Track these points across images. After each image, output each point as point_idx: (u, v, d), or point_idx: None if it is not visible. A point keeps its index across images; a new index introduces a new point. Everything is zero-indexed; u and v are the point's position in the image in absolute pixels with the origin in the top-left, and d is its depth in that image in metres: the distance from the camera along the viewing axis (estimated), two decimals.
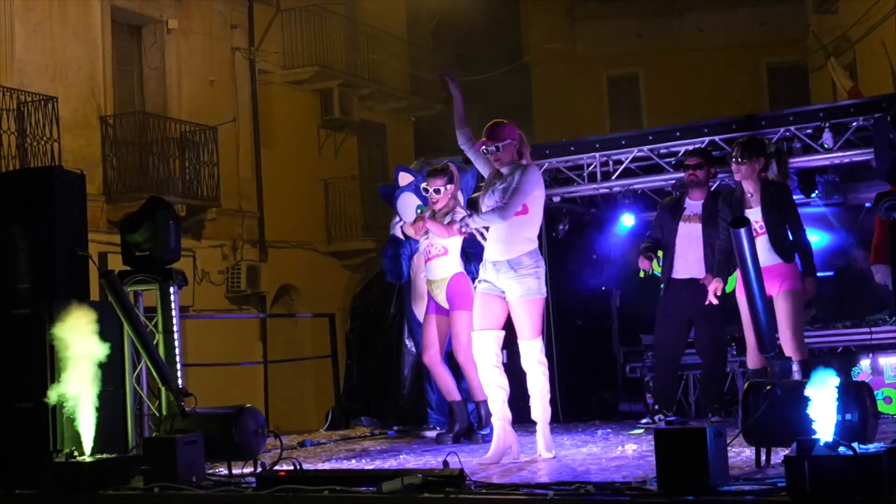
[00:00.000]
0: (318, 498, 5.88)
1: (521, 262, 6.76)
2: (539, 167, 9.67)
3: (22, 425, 6.89)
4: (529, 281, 6.76)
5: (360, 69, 22.08)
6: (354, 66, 21.98)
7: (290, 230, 20.15)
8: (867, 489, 4.67)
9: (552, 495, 5.46)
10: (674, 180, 9.27)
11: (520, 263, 6.76)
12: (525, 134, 7.14)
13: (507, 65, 25.50)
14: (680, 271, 8.49)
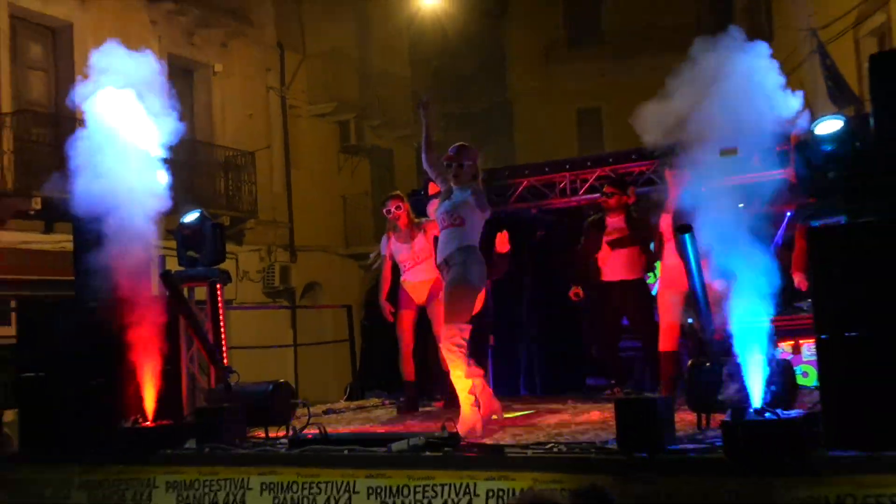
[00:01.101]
0: (339, 456, 5.92)
1: (452, 257, 6.59)
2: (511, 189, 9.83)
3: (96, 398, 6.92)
4: (455, 270, 6.56)
5: (371, 104, 22.09)
6: (366, 102, 21.99)
7: (314, 237, 20.18)
8: (789, 448, 4.73)
9: (530, 453, 5.53)
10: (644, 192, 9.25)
11: (452, 258, 6.59)
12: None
13: (493, 99, 25.55)
14: (608, 275, 8.55)
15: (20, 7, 14.26)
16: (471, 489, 5.34)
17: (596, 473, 4.95)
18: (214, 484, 6.21)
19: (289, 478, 5.95)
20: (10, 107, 13.90)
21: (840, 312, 4.80)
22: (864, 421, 4.67)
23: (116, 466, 6.61)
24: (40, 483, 6.98)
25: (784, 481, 4.62)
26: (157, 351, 6.91)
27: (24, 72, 14.67)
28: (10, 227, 13.64)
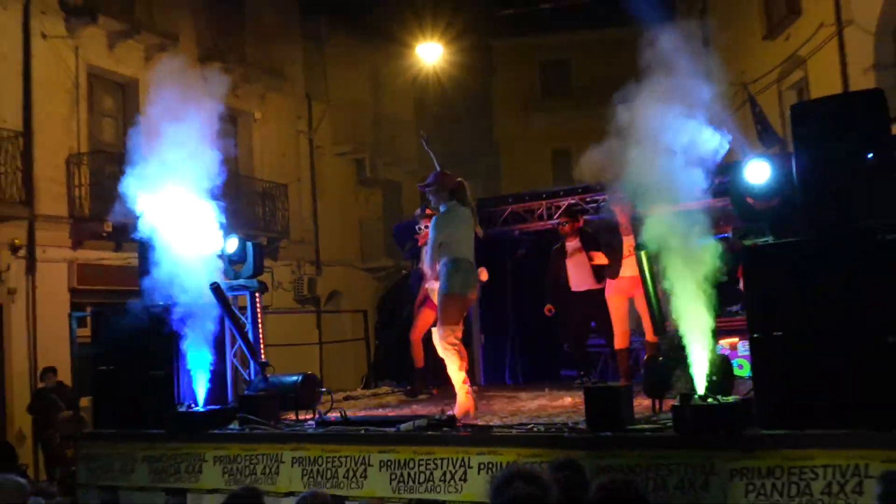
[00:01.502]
0: (357, 435, 5.92)
1: (439, 270, 6.52)
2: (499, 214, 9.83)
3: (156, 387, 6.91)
4: (440, 283, 6.47)
5: (382, 144, 22.12)
6: (379, 142, 22.02)
7: (336, 253, 20.16)
8: (728, 427, 4.73)
9: (515, 432, 5.52)
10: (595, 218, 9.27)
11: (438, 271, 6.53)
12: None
13: (483, 140, 25.60)
14: (575, 286, 8.56)
15: (96, 66, 14.29)
16: (465, 462, 5.34)
17: (569, 449, 4.95)
18: (254, 458, 6.21)
19: (315, 453, 5.94)
20: (87, 148, 13.92)
21: (769, 316, 4.82)
22: (790, 405, 4.68)
23: (173, 443, 6.60)
24: (110, 457, 6.97)
25: (724, 454, 4.62)
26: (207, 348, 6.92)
27: (99, 119, 14.70)
28: (87, 246, 13.64)
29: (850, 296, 4.56)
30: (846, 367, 4.51)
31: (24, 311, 12.66)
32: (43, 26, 13.34)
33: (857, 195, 4.71)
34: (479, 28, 21.83)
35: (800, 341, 4.67)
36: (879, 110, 4.84)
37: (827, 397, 4.55)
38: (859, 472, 4.30)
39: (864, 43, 12.99)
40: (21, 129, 12.68)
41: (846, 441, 4.38)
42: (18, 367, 12.47)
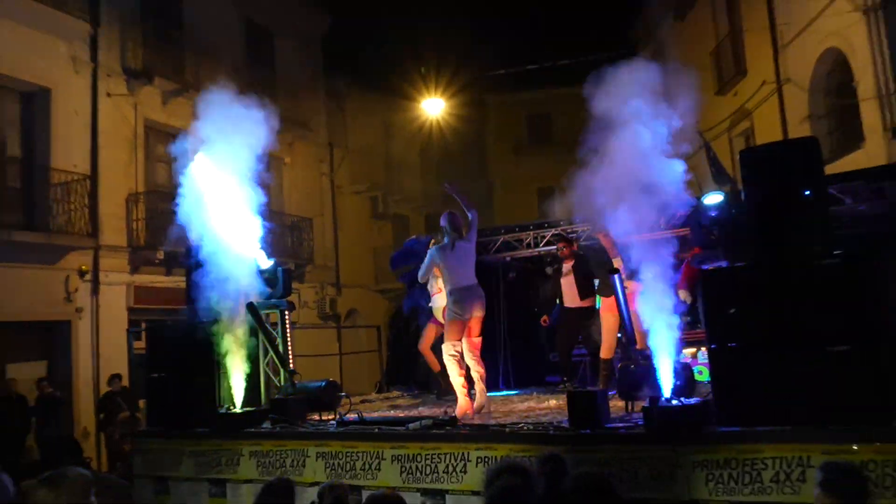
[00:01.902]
0: (372, 433, 5.87)
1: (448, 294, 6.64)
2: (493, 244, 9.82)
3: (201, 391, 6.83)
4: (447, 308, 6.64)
5: (393, 184, 22.21)
6: (390, 182, 22.12)
7: (353, 277, 20.16)
8: (690, 425, 4.70)
9: (507, 430, 5.48)
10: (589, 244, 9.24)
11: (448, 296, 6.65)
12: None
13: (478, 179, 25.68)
14: (567, 303, 8.52)
15: (152, 119, 14.37)
16: (465, 456, 5.30)
17: (554, 444, 4.90)
18: (283, 453, 6.16)
19: (336, 448, 5.90)
20: (143, 188, 13.97)
21: (724, 329, 4.79)
22: (743, 406, 4.64)
23: (215, 440, 6.55)
24: (161, 452, 6.92)
25: (687, 449, 4.59)
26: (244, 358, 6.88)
27: (153, 164, 14.74)
28: (143, 271, 13.64)
29: (794, 312, 4.54)
30: (791, 373, 4.48)
31: (90, 326, 12.64)
32: (108, 87, 13.44)
33: (797, 226, 4.71)
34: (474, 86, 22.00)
35: (751, 351, 4.64)
36: (814, 154, 4.86)
37: (774, 399, 4.51)
38: (802, 462, 4.27)
39: (800, 98, 13.07)
40: (89, 172, 12.73)
41: (790, 436, 4.36)
42: (84, 374, 12.43)
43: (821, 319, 4.44)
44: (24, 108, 12.48)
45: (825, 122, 12.74)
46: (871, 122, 10.94)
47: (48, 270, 12.02)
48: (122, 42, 13.77)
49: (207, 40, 15.04)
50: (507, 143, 26.62)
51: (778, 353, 4.53)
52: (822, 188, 4.84)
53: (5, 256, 11.21)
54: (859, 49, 11.10)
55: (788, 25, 13.23)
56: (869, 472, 4.03)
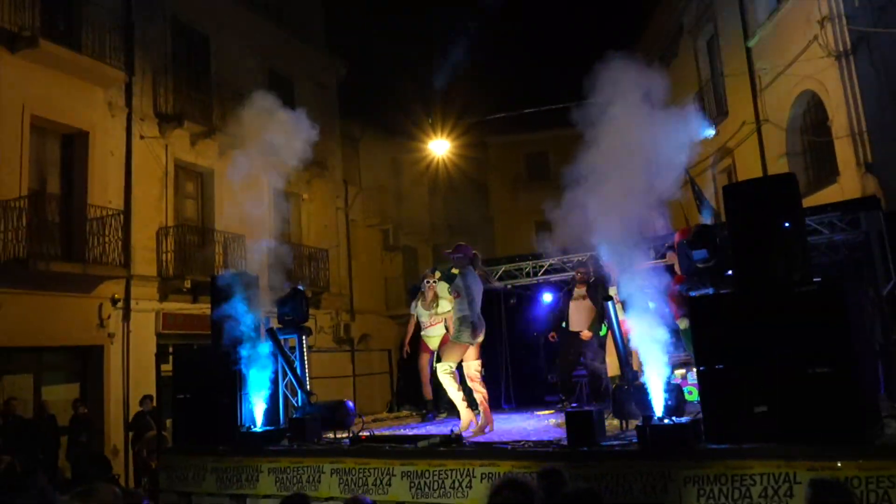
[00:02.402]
0: (383, 450, 5.81)
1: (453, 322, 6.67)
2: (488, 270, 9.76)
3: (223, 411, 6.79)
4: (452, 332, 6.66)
5: (403, 218, 22.24)
6: (400, 216, 22.14)
7: (366, 304, 20.11)
8: (680, 442, 4.64)
9: (510, 448, 5.42)
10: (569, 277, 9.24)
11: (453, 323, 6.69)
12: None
13: (481, 213, 25.75)
14: (573, 326, 8.47)
15: (181, 159, 14.47)
16: (470, 472, 5.23)
17: (554, 461, 4.83)
18: (300, 469, 6.09)
19: (350, 465, 5.83)
20: (173, 222, 14.03)
21: (711, 352, 4.74)
22: (730, 424, 4.58)
23: (236, 457, 6.50)
24: (186, 468, 6.85)
25: (679, 465, 4.52)
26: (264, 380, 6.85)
27: (182, 200, 14.84)
28: (171, 299, 13.64)
29: (776, 335, 4.50)
30: (776, 393, 4.43)
31: (121, 350, 12.61)
32: (141, 129, 13.57)
33: (777, 255, 4.68)
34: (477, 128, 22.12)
35: (738, 372, 4.59)
36: (792, 189, 4.86)
37: (761, 417, 4.46)
38: (789, 478, 4.20)
39: (778, 136, 13.11)
40: (122, 208, 12.81)
41: (777, 453, 4.29)
42: (115, 394, 12.37)
43: (802, 343, 4.40)
44: (64, 149, 12.61)
45: (801, 159, 12.76)
46: (845, 158, 10.96)
47: (83, 298, 12.03)
48: (154, 89, 13.94)
49: (233, 87, 15.21)
50: (506, 180, 26.72)
51: (762, 375, 4.49)
52: (800, 220, 4.83)
53: (44, 286, 11.24)
54: (832, 91, 11.16)
55: (766, 70, 13.33)
56: (853, 487, 3.96)
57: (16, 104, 11.36)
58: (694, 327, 4.90)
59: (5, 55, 11.27)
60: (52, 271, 11.24)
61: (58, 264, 11.45)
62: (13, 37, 11.31)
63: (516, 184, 26.50)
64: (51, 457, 10.17)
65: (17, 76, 11.38)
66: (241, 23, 16.21)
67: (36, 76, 11.64)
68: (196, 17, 15.21)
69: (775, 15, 12.81)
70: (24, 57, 11.43)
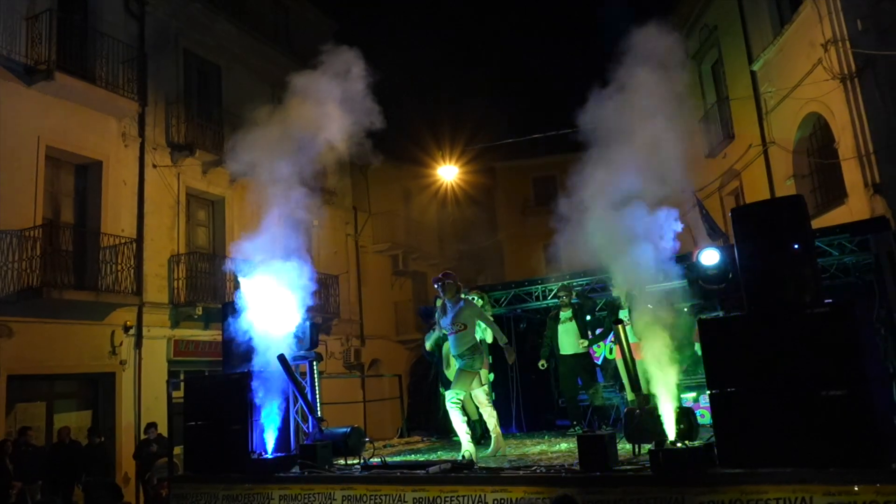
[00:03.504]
0: (394, 476, 5.75)
1: (463, 354, 6.63)
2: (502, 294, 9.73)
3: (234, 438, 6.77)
4: (465, 362, 6.59)
5: (412, 244, 22.28)
6: (409, 242, 22.19)
7: (376, 329, 20.09)
8: (694, 466, 4.58)
9: (521, 473, 5.35)
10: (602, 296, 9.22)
11: (463, 355, 6.63)
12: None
13: (490, 238, 25.77)
14: (564, 349, 8.43)
15: (193, 188, 14.62)
16: (482, 498, 5.17)
17: (566, 486, 4.78)
18: (311, 496, 6.03)
19: (361, 491, 5.77)
20: (185, 249, 14.12)
21: (723, 375, 4.70)
22: (745, 447, 4.52)
23: (247, 484, 6.44)
24: (197, 496, 6.80)
25: (692, 490, 4.45)
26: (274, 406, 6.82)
27: (194, 228, 14.95)
28: (183, 325, 13.68)
29: (788, 358, 4.46)
30: (789, 416, 4.38)
31: (132, 377, 12.63)
32: (154, 159, 13.73)
33: (787, 277, 4.66)
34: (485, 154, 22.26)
35: (750, 395, 4.54)
36: (801, 210, 4.85)
37: (774, 441, 4.40)
38: (805, 503, 4.12)
39: (785, 158, 13.11)
40: (135, 236, 12.91)
41: (792, 477, 4.22)
42: (126, 421, 12.36)
43: (814, 365, 4.36)
44: (78, 178, 12.76)
45: (809, 181, 12.74)
46: (853, 180, 10.93)
47: (96, 326, 12.08)
48: (166, 119, 14.13)
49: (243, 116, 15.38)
50: (515, 205, 26.76)
51: (776, 397, 4.44)
52: (809, 242, 4.81)
53: (57, 314, 11.30)
54: (838, 113, 11.17)
55: (771, 93, 13.37)
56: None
57: (31, 136, 11.53)
58: (705, 350, 4.86)
59: (21, 88, 11.47)
60: (65, 300, 11.31)
61: (71, 293, 11.52)
62: (29, 70, 11.51)
63: (524, 208, 26.54)
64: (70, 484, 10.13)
65: (32, 108, 11.56)
66: (252, 54, 16.45)
67: (51, 108, 11.82)
68: (208, 48, 15.45)
69: (779, 39, 12.88)
70: (39, 89, 11.63)
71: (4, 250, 10.91)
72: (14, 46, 11.34)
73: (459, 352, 6.62)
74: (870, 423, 4.18)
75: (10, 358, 10.70)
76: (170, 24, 14.48)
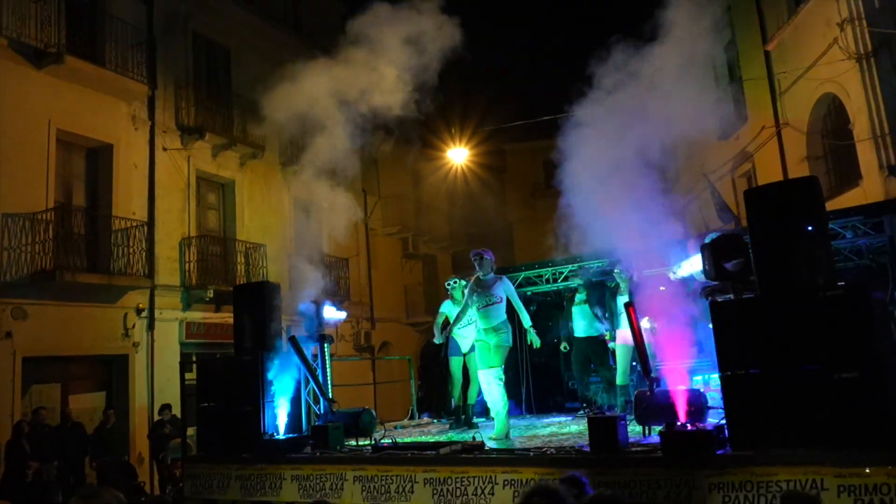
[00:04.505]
0: (405, 458, 5.80)
1: (498, 326, 6.69)
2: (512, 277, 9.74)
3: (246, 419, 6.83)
4: (501, 336, 6.67)
5: (422, 226, 22.27)
6: (419, 225, 22.18)
7: (386, 312, 20.15)
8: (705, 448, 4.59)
9: (532, 454, 5.39)
10: None
11: (498, 327, 6.69)
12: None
13: (500, 220, 25.71)
14: (578, 332, 8.44)
15: (203, 170, 14.63)
16: (493, 479, 5.21)
17: (577, 467, 4.80)
18: (323, 477, 6.10)
19: (372, 472, 5.83)
20: (195, 232, 14.17)
21: (735, 357, 4.69)
22: (755, 429, 4.52)
23: (259, 465, 6.52)
24: (210, 476, 6.89)
25: (703, 472, 4.47)
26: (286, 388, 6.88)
27: (205, 210, 14.99)
28: (194, 308, 13.77)
29: (800, 341, 4.44)
30: (801, 398, 4.37)
31: (145, 359, 12.75)
32: (164, 142, 13.75)
33: (800, 260, 4.63)
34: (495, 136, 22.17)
35: (762, 378, 4.54)
36: (815, 192, 4.80)
37: (786, 423, 4.40)
38: (816, 485, 4.13)
39: (798, 140, 12.97)
40: (146, 219, 12.97)
41: (803, 459, 4.23)
42: (140, 403, 12.50)
43: (827, 348, 4.34)
44: (88, 162, 12.81)
45: (823, 162, 12.61)
46: (868, 161, 10.81)
47: (108, 309, 12.19)
48: (176, 102, 14.12)
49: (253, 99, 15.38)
50: (525, 187, 26.64)
51: (788, 380, 4.43)
52: (823, 224, 4.77)
53: (70, 297, 11.40)
54: (853, 93, 11.02)
55: (786, 74, 13.20)
56: (883, 494, 3.89)
57: (42, 119, 11.57)
58: (717, 332, 4.84)
59: (31, 72, 11.49)
60: (77, 282, 11.40)
61: (83, 275, 11.60)
62: (39, 53, 11.52)
63: (534, 190, 26.43)
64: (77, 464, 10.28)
65: (43, 92, 11.59)
66: (262, 36, 16.38)
67: (61, 91, 11.84)
68: (217, 31, 15.40)
69: (794, 18, 12.69)
70: (49, 73, 11.64)
71: (17, 233, 10.99)
72: (24, 30, 11.35)
73: (494, 324, 6.68)
74: (882, 406, 4.17)
75: (25, 340, 10.82)
76: (179, 6, 14.43)
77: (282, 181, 16.30)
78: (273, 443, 6.58)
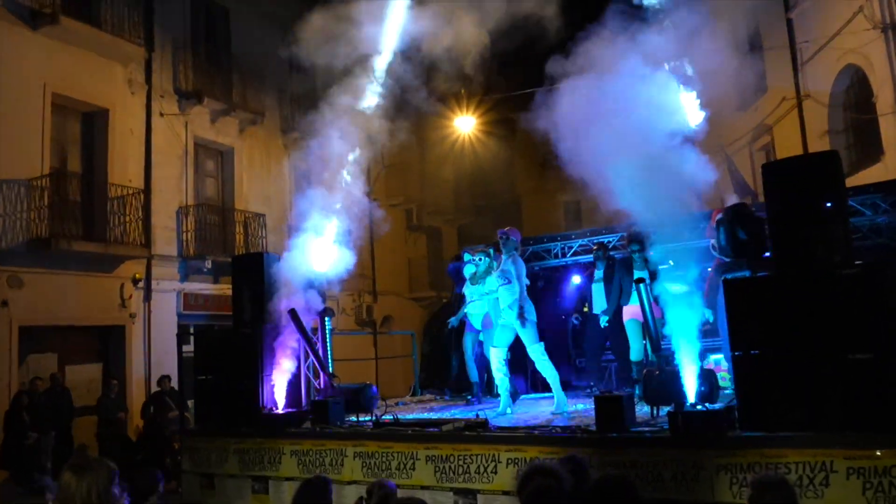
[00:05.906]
0: (406, 434, 5.86)
1: (512, 304, 6.78)
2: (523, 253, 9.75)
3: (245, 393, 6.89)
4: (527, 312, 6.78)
5: (427, 198, 22.20)
6: (424, 196, 22.11)
7: (389, 285, 20.18)
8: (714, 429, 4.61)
9: (536, 433, 5.43)
10: None
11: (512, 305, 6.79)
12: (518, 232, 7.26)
13: (508, 193, 25.60)
14: (595, 308, 8.45)
15: (201, 137, 14.58)
16: (496, 457, 5.26)
17: (582, 447, 4.84)
18: (323, 452, 6.17)
19: (372, 448, 5.89)
20: (193, 201, 14.16)
21: (747, 337, 4.70)
22: (765, 410, 4.55)
23: (258, 439, 6.60)
24: (208, 450, 6.98)
25: (711, 452, 4.50)
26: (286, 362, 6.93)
27: (203, 178, 14.97)
28: (192, 280, 13.82)
29: (815, 320, 4.45)
30: (813, 380, 4.39)
31: (142, 331, 12.83)
32: (161, 107, 13.69)
33: (818, 237, 4.61)
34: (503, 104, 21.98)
35: (774, 358, 4.55)
36: (835, 167, 4.76)
37: (797, 404, 4.42)
38: (826, 467, 4.16)
39: (820, 113, 12.83)
40: (143, 187, 12.96)
41: (813, 441, 4.26)
42: (136, 375, 12.62)
43: (842, 328, 4.34)
44: (84, 127, 12.77)
45: (844, 137, 12.49)
46: (891, 137, 10.70)
47: (105, 278, 12.24)
48: (174, 65, 14.02)
49: (253, 64, 15.25)
50: (534, 159, 26.47)
51: (800, 361, 4.44)
52: (842, 200, 4.74)
53: (66, 265, 11.45)
54: (878, 65, 10.88)
55: (808, 43, 13.02)
56: (892, 477, 3.92)
57: (37, 82, 11.51)
58: (730, 311, 4.85)
59: (27, 32, 11.41)
60: (73, 250, 11.44)
61: (79, 243, 11.64)
62: (34, 14, 11.43)
63: (544, 162, 26.24)
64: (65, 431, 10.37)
65: (38, 54, 11.52)
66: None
67: (56, 54, 11.77)
68: None
69: None
70: (44, 34, 11.56)
71: (13, 200, 11.01)
72: None
73: (510, 302, 6.77)
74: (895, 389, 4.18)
75: (21, 309, 10.90)
76: None
77: (282, 149, 16.24)
78: (272, 417, 6.65)
